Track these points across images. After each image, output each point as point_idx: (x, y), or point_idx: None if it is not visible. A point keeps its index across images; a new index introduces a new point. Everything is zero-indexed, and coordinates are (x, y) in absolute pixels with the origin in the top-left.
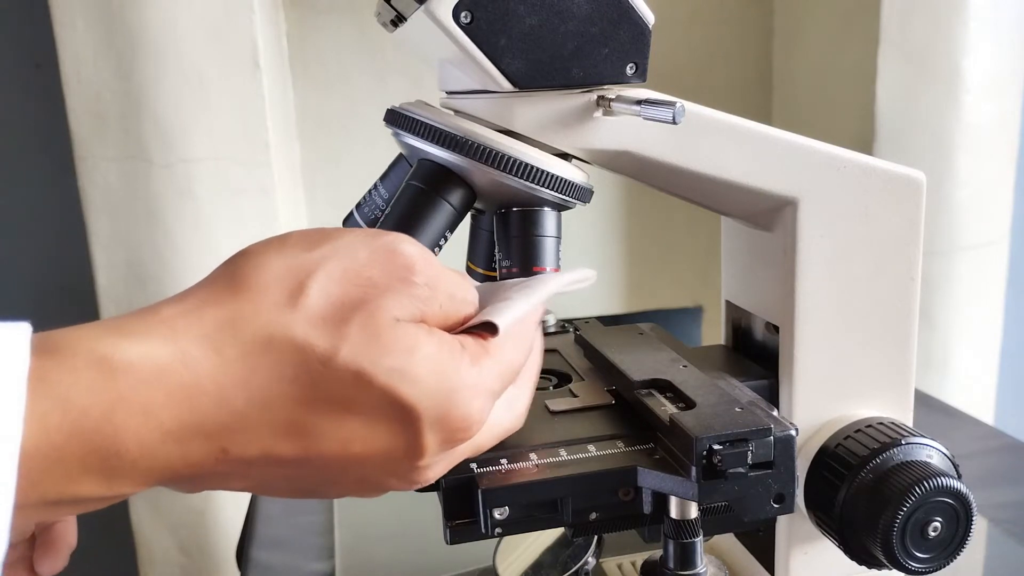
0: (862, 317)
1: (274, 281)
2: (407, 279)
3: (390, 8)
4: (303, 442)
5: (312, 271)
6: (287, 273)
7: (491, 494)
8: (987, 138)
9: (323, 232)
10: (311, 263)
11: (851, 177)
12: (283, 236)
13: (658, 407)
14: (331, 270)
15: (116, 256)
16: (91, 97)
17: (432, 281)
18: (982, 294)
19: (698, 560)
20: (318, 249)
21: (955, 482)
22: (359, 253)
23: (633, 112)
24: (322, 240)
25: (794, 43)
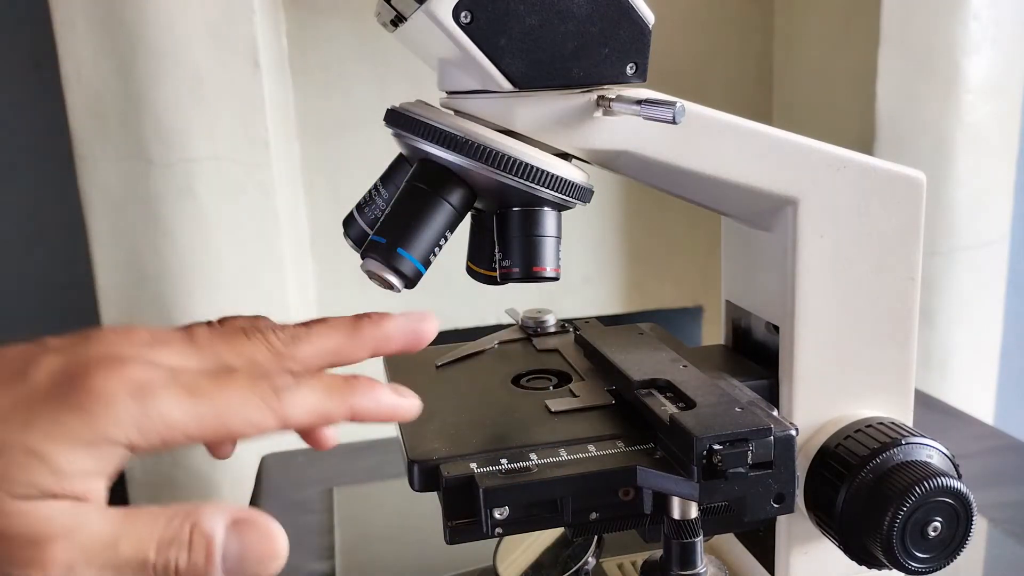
0: (862, 317)
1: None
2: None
3: (390, 8)
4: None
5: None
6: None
7: (491, 494)
8: (987, 138)
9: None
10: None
11: (851, 177)
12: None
13: (658, 407)
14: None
15: (116, 256)
16: (91, 97)
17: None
18: (982, 294)
19: (698, 560)
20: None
21: (955, 482)
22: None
23: (633, 112)
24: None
25: (794, 43)
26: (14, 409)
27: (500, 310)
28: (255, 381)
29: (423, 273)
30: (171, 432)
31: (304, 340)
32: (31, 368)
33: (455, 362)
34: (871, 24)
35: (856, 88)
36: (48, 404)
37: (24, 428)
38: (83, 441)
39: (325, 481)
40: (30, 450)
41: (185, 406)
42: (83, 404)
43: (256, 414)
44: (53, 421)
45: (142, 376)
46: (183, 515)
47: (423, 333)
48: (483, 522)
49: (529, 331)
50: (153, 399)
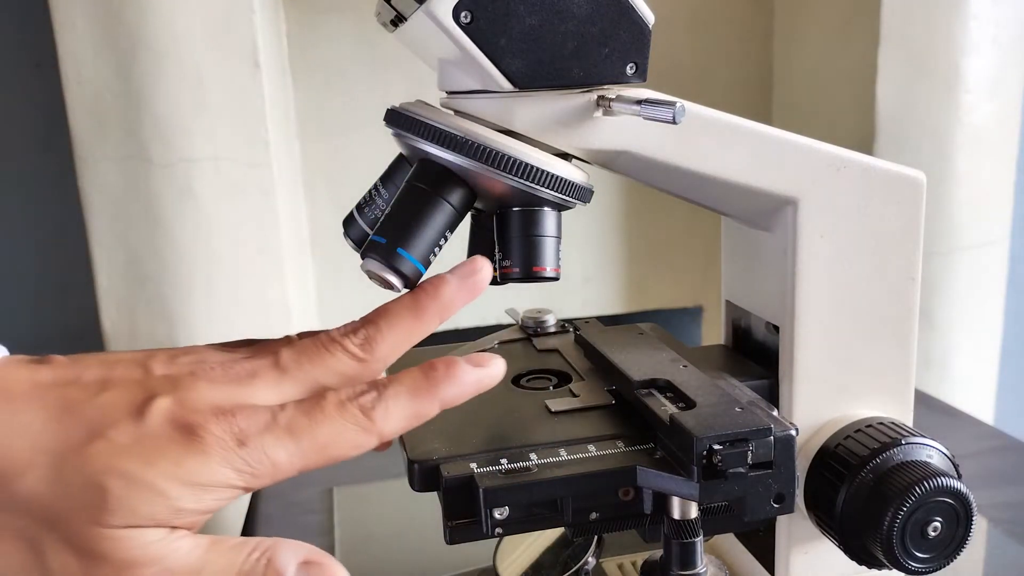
0: (862, 317)
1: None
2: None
3: (390, 8)
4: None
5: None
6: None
7: (491, 494)
8: (987, 138)
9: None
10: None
11: (851, 177)
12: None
13: (658, 407)
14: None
15: (116, 256)
16: (91, 97)
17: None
18: (982, 294)
19: (698, 560)
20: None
21: (955, 482)
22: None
23: (633, 112)
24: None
25: (794, 43)
26: (137, 445)
27: (500, 310)
28: (344, 406)
29: (423, 273)
30: (279, 472)
31: (378, 339)
32: (147, 409)
33: None
34: (871, 24)
35: (856, 88)
36: (170, 447)
37: (147, 466)
38: (201, 484)
39: (325, 481)
40: (153, 486)
41: (290, 448)
42: (200, 451)
43: (354, 438)
44: (176, 464)
45: (248, 425)
46: (261, 550)
47: (479, 284)
48: (483, 522)
49: (529, 331)
50: (261, 445)
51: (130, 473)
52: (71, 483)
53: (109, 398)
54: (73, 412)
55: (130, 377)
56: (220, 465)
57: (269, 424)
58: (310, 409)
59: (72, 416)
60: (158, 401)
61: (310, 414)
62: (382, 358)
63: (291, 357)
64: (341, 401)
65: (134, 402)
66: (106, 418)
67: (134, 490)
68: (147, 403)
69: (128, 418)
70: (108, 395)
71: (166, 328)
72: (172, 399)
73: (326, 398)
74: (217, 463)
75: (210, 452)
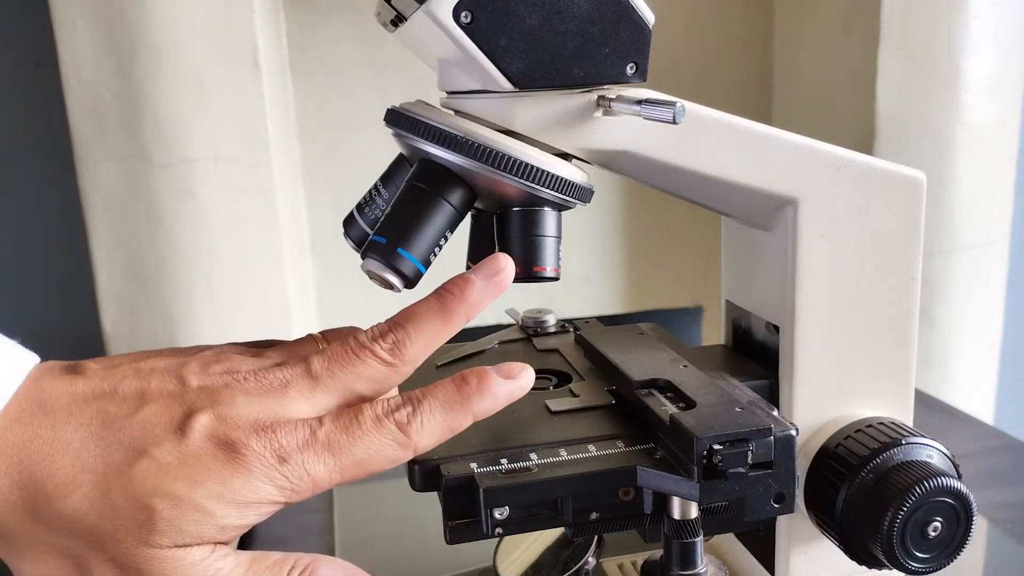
0: (862, 317)
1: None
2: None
3: (390, 8)
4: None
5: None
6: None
7: (491, 494)
8: (987, 138)
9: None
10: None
11: (851, 177)
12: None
13: (658, 407)
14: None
15: (116, 256)
16: (91, 97)
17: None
18: (982, 294)
19: (698, 560)
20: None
21: (955, 482)
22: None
23: (633, 112)
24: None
25: (794, 43)
26: (181, 464)
27: (500, 310)
28: (381, 422)
29: (423, 273)
30: (318, 487)
31: (406, 343)
32: (187, 426)
33: (455, 362)
34: (871, 24)
35: (856, 88)
36: (213, 466)
37: (193, 486)
38: (246, 502)
39: None
40: (200, 507)
41: (329, 464)
42: (244, 470)
43: (391, 453)
44: (220, 483)
45: (289, 442)
46: (302, 567)
47: (504, 282)
48: (483, 522)
49: (529, 331)
50: (301, 462)
51: (177, 494)
52: (117, 504)
53: (149, 414)
54: (114, 429)
55: (167, 390)
56: (263, 483)
57: (309, 440)
58: (348, 424)
59: (113, 433)
60: (198, 417)
61: (348, 430)
62: (411, 361)
63: (323, 365)
64: (378, 416)
65: (174, 418)
66: (147, 436)
67: (181, 511)
68: (187, 419)
69: (170, 436)
70: (147, 410)
71: (166, 328)
72: (212, 415)
73: (363, 413)
74: (260, 481)
75: (253, 470)
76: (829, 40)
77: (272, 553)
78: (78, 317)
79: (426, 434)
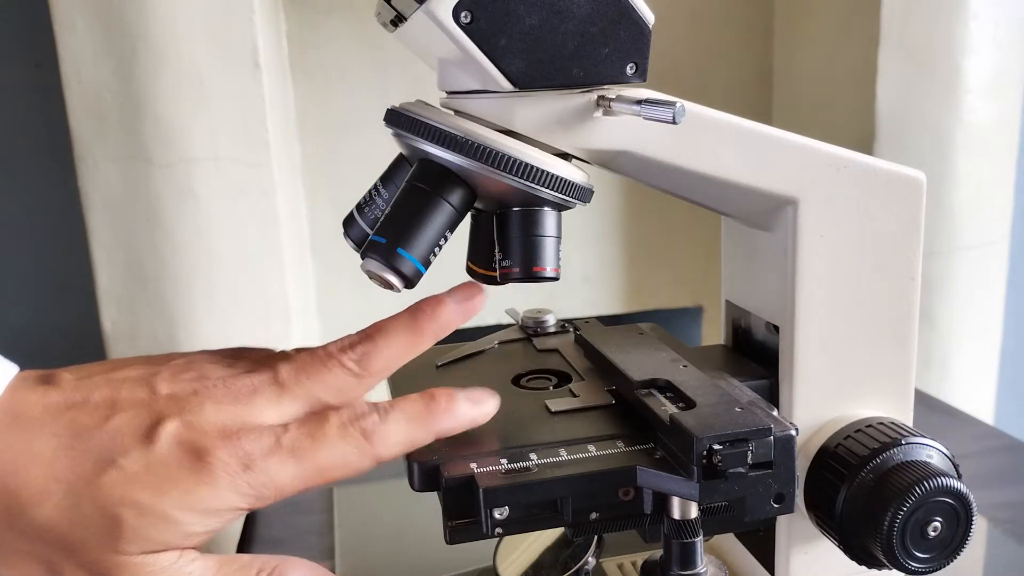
0: (862, 317)
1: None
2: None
3: (390, 8)
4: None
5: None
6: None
7: (491, 494)
8: (987, 138)
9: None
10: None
11: (851, 177)
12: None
13: (658, 407)
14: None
15: (116, 256)
16: (91, 97)
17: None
18: (982, 294)
19: (698, 560)
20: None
21: (955, 482)
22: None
23: (633, 112)
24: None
25: (794, 43)
26: (147, 473)
27: (500, 310)
28: (346, 429)
29: (423, 273)
30: (281, 493)
31: (375, 355)
32: (155, 434)
33: (455, 362)
34: (871, 24)
35: (856, 88)
36: (179, 475)
37: (158, 495)
38: (211, 509)
39: None
40: (166, 515)
41: (291, 469)
42: (209, 478)
43: (353, 461)
44: (185, 492)
45: (254, 448)
46: (268, 569)
47: (474, 308)
48: (483, 522)
49: (529, 331)
50: (265, 469)
51: (142, 504)
52: (87, 513)
53: (118, 423)
54: (84, 438)
55: (136, 398)
56: (227, 491)
57: (273, 447)
58: (313, 431)
59: (84, 443)
60: (166, 425)
61: (313, 436)
62: (377, 373)
63: (290, 373)
64: (343, 423)
65: (142, 426)
66: (116, 445)
67: (147, 519)
68: (155, 427)
69: (138, 444)
70: (117, 419)
71: (166, 328)
72: (179, 422)
73: (328, 420)
74: (225, 489)
75: (218, 479)
76: (829, 40)
77: (239, 556)
78: (78, 317)
79: (389, 445)
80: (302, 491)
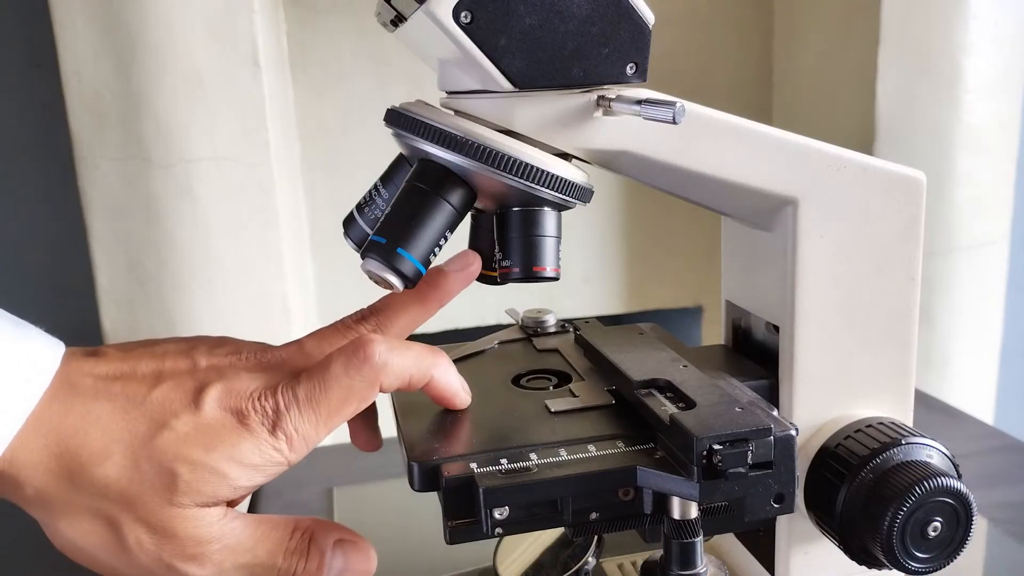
0: (862, 317)
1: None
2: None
3: (390, 8)
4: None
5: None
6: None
7: (491, 494)
8: (987, 138)
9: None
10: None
11: (851, 177)
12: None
13: (658, 407)
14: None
15: (116, 256)
16: (91, 97)
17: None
18: (982, 294)
19: (698, 560)
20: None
21: (955, 482)
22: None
23: (633, 112)
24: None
25: (794, 43)
26: (197, 433)
27: (500, 310)
28: (348, 363)
29: (423, 273)
30: (309, 439)
31: (388, 324)
32: (200, 399)
33: (455, 362)
34: (871, 24)
35: (856, 88)
36: (223, 434)
37: (208, 451)
38: (254, 464)
39: (325, 481)
40: (215, 469)
41: (313, 420)
42: (249, 434)
43: (361, 391)
44: (231, 447)
45: (279, 404)
46: (303, 529)
47: (471, 274)
48: (483, 522)
49: (529, 331)
50: (290, 420)
51: (195, 459)
52: (145, 470)
53: (166, 390)
54: (137, 403)
55: (180, 368)
56: (265, 445)
57: (291, 400)
58: (322, 375)
59: (137, 407)
60: (209, 391)
61: (323, 380)
62: (393, 337)
63: (314, 343)
64: (345, 359)
65: (188, 392)
66: (166, 409)
67: (199, 473)
68: (200, 392)
69: (186, 408)
70: (165, 387)
71: (166, 328)
72: (221, 388)
73: (333, 361)
74: (264, 443)
75: (257, 434)
76: (829, 40)
77: (275, 516)
78: (78, 317)
79: (391, 372)
80: (332, 431)
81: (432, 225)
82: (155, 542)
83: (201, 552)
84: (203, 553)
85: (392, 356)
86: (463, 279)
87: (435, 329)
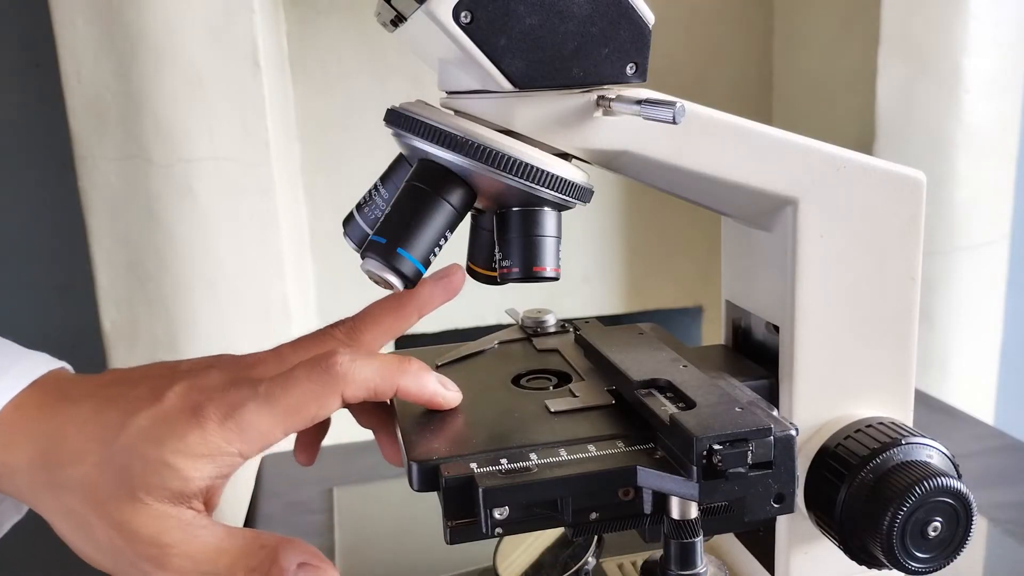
0: (862, 317)
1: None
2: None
3: (390, 8)
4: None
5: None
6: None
7: (491, 494)
8: (987, 138)
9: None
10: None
11: (851, 177)
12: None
13: (658, 407)
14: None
15: (116, 256)
16: (91, 97)
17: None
18: (982, 294)
19: (698, 560)
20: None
21: (955, 482)
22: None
23: (633, 112)
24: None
25: (794, 43)
26: (152, 427)
27: (500, 310)
28: (312, 370)
29: (423, 273)
30: (265, 437)
31: (361, 329)
32: (164, 394)
33: (455, 362)
34: (871, 24)
35: (856, 88)
36: (176, 426)
37: (159, 445)
38: (201, 454)
39: (325, 481)
40: (163, 461)
41: (267, 412)
42: (197, 424)
43: (320, 397)
44: (179, 438)
45: (236, 398)
46: (269, 547)
47: (454, 285)
48: (483, 522)
49: (529, 331)
50: (244, 414)
51: (146, 454)
52: (110, 467)
53: (142, 391)
54: (114, 405)
55: (160, 374)
56: (214, 435)
57: (251, 395)
58: (285, 377)
59: (113, 408)
60: (175, 387)
61: (284, 380)
62: (365, 344)
63: (290, 347)
64: (310, 366)
65: (158, 390)
66: (134, 407)
67: (150, 467)
68: (167, 390)
69: (149, 404)
70: (141, 388)
71: (166, 328)
72: (187, 384)
73: (298, 366)
74: (211, 433)
75: (205, 424)
76: (829, 40)
77: (245, 529)
78: (78, 317)
79: (353, 382)
80: (288, 433)
81: (432, 225)
82: (121, 540)
83: (162, 554)
84: (164, 556)
85: (354, 367)
86: (443, 290)
87: (435, 329)
